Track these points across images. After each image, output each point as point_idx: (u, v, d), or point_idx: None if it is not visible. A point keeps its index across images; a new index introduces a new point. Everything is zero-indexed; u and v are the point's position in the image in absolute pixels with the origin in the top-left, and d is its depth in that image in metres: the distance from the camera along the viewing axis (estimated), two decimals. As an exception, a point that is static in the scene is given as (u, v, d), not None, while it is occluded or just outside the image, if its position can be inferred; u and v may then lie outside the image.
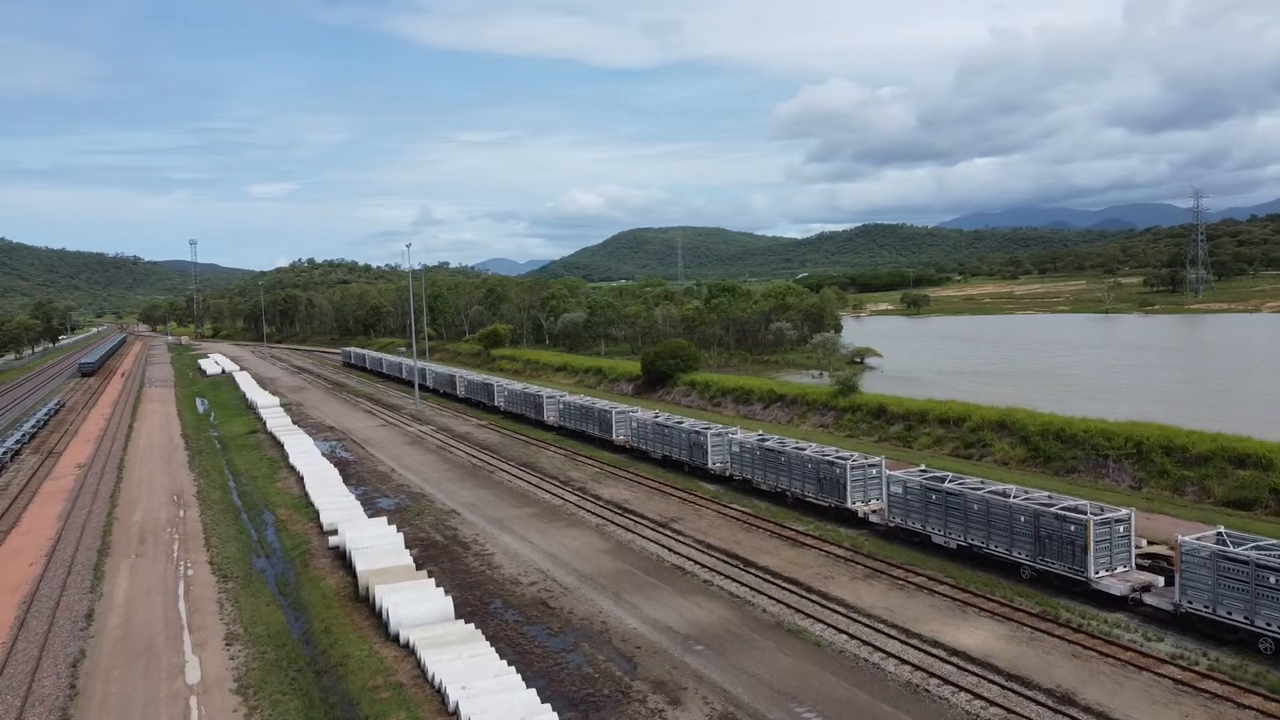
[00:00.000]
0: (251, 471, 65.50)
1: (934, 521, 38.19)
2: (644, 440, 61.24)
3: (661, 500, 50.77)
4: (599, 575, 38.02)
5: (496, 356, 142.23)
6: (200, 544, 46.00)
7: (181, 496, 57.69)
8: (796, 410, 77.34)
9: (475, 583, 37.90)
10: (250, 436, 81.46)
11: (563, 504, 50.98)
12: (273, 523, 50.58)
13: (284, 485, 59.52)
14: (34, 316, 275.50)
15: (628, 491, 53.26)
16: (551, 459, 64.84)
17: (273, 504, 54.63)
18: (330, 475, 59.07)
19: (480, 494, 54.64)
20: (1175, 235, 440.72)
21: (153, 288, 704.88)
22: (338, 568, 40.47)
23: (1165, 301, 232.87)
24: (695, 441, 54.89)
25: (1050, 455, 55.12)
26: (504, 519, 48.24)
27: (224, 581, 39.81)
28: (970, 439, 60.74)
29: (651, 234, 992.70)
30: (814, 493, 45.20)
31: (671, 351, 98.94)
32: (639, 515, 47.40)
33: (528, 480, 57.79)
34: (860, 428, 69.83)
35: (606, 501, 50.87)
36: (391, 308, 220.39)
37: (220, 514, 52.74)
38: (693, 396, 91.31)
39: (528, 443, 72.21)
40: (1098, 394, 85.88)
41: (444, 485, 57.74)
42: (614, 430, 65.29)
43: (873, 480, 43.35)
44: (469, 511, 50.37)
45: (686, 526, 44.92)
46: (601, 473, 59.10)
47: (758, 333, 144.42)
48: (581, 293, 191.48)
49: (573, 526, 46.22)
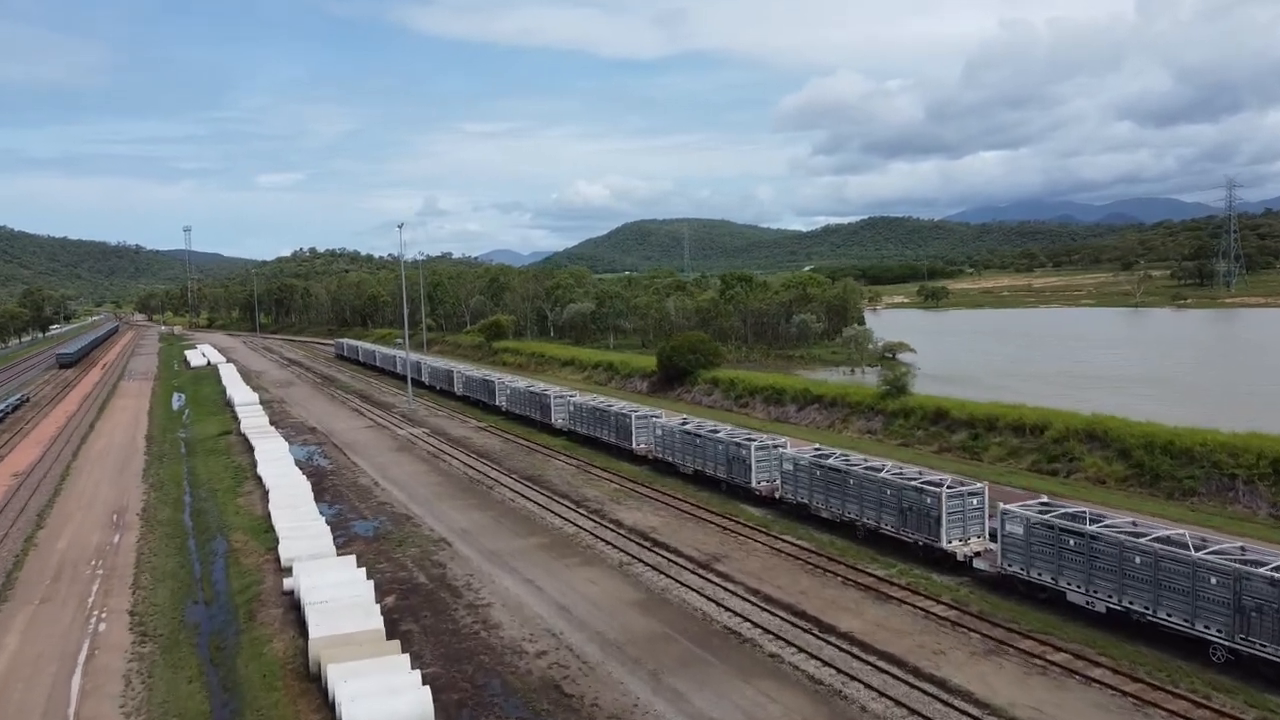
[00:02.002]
0: (213, 483, 56.48)
1: (1070, 573, 29.02)
2: (670, 451, 52.07)
3: (697, 529, 41.57)
4: (628, 641, 28.92)
5: (499, 349, 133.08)
6: (127, 584, 36.96)
7: (123, 515, 48.66)
8: (837, 413, 68.19)
9: (466, 651, 28.79)
10: (221, 439, 72.41)
11: (576, 532, 41.81)
12: (224, 552, 41.53)
13: (247, 502, 50.49)
14: (22, 305, 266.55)
15: (654, 516, 44.07)
16: (561, 471, 55.68)
17: (229, 526, 45.59)
18: (300, 490, 50.02)
19: (477, 517, 45.48)
20: (1191, 229, 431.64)
21: (155, 277, 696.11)
22: (290, 624, 31.42)
23: (1197, 295, 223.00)
24: (736, 455, 45.67)
25: (1158, 473, 46.00)
26: (505, 553, 39.11)
27: (142, 642, 30.78)
28: (1053, 451, 51.61)
29: (656, 226, 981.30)
30: (894, 525, 36.05)
31: (691, 345, 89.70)
32: (672, 550, 38.23)
33: (534, 499, 48.63)
34: (915, 435, 60.71)
35: (629, 530, 41.72)
36: (390, 297, 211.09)
37: (163, 540, 43.69)
38: (715, 396, 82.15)
39: (533, 450, 63.03)
40: (1171, 396, 76.71)
41: (434, 504, 48.63)
42: (634, 438, 56.12)
43: (974, 513, 34.19)
44: (462, 541, 41.24)
45: (734, 567, 35.78)
46: (621, 490, 49.92)
47: (777, 325, 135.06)
48: (588, 283, 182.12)
49: (590, 565, 37.09)
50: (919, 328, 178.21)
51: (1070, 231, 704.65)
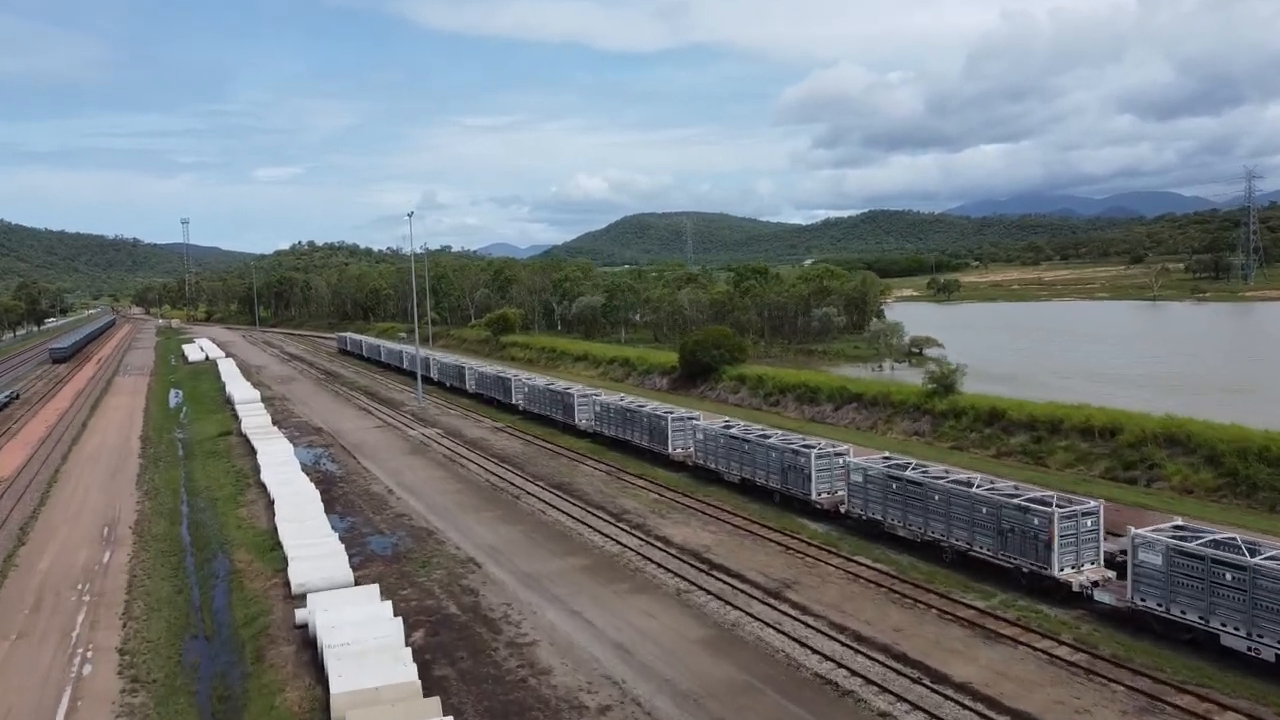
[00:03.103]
0: (213, 490, 52.08)
1: (1226, 612, 24.66)
2: (712, 457, 47.65)
3: (756, 548, 37.13)
4: (706, 693, 24.54)
5: (507, 344, 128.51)
6: (116, 614, 32.52)
7: (114, 528, 44.20)
8: (879, 413, 63.85)
9: (515, 705, 24.39)
10: (221, 440, 67.97)
11: (620, 552, 37.39)
12: (225, 574, 37.13)
13: (250, 512, 46.08)
14: (17, 298, 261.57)
15: (704, 532, 39.65)
16: (591, 478, 51.25)
17: (230, 542, 41.19)
18: (309, 499, 45.65)
19: (505, 532, 41.05)
20: (1198, 221, 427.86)
21: (152, 270, 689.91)
22: (304, 666, 27.03)
23: (1215, 289, 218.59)
24: (793, 464, 41.23)
25: (1256, 483, 41.70)
26: (542, 576, 34.70)
27: (133, 690, 26.39)
28: (1129, 458, 47.26)
29: (656, 219, 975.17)
30: (990, 549, 31.66)
31: (715, 340, 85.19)
32: (733, 575, 33.83)
33: (566, 510, 44.19)
34: (968, 438, 56.41)
35: (679, 548, 37.32)
36: (392, 290, 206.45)
37: (158, 559, 39.27)
38: (743, 394, 77.76)
39: (557, 453, 58.60)
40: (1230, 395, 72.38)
41: (456, 516, 44.20)
42: (670, 442, 51.69)
43: (1087, 536, 29.80)
44: (493, 561, 36.83)
45: (808, 596, 31.39)
46: (661, 501, 45.50)
47: (795, 319, 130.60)
48: (594, 276, 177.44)
49: (642, 591, 32.70)
50: (935, 322, 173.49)
51: (1071, 225, 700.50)
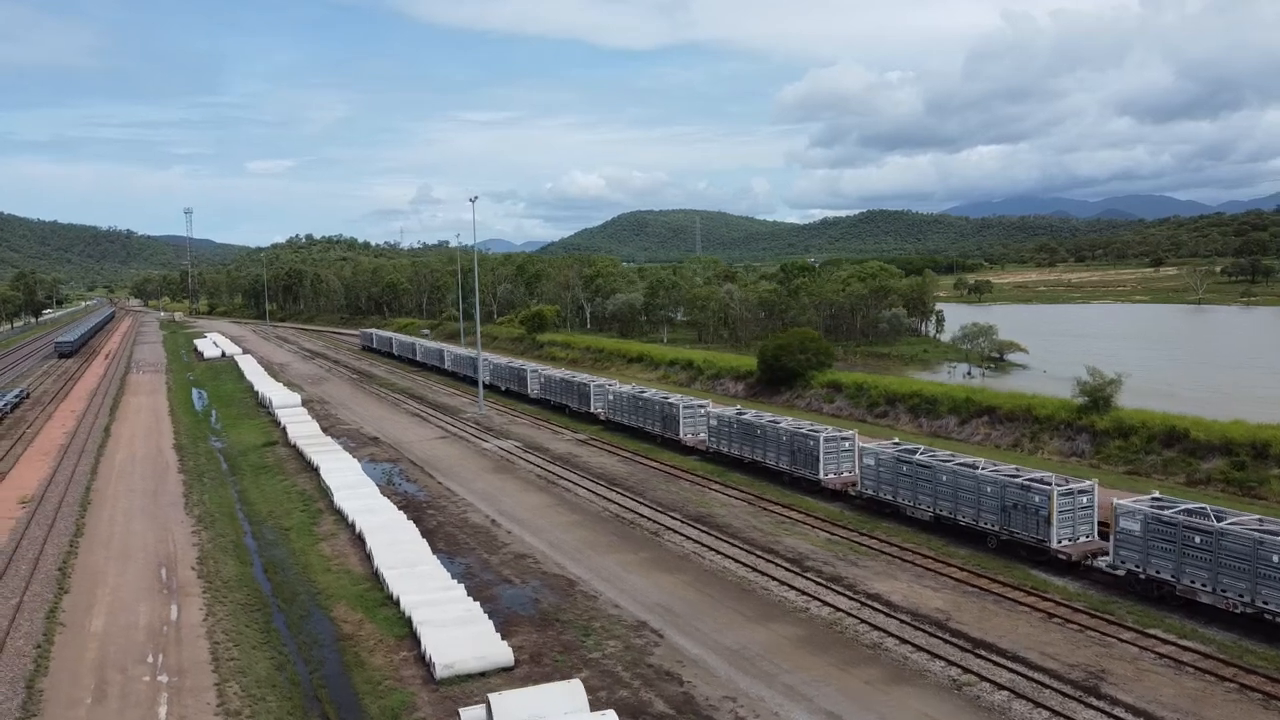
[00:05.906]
0: (278, 517, 44.10)
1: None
2: (886, 486, 39.78)
3: (1012, 616, 29.20)
4: None
5: (543, 342, 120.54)
6: (208, 706, 24.58)
7: (173, 569, 36.20)
8: (1020, 429, 56.24)
9: None
10: (267, 451, 60.03)
11: (834, 616, 29.52)
12: (331, 640, 29.18)
13: (333, 548, 38.13)
14: (14, 288, 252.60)
15: (926, 590, 31.73)
16: (730, 508, 43.31)
17: (323, 592, 33.24)
18: (406, 534, 37.83)
19: (667, 583, 33.12)
20: (1217, 224, 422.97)
21: (146, 262, 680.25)
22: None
23: (1263, 292, 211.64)
24: (1022, 502, 33.40)
25: None
26: (754, 654, 26.80)
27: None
28: (1376, 491, 39.64)
29: (652, 216, 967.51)
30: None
31: (800, 344, 77.37)
32: (1013, 659, 25.95)
33: (725, 552, 36.24)
34: (1144, 460, 48.87)
35: (909, 613, 29.44)
36: (409, 285, 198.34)
37: (239, 616, 31.26)
38: (840, 403, 70.02)
39: (671, 475, 50.66)
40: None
41: (590, 558, 36.31)
42: (821, 466, 43.80)
43: None
44: (674, 628, 28.93)
45: (1132, 695, 23.61)
46: (838, 542, 37.59)
47: (853, 319, 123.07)
48: (617, 273, 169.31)
49: (903, 682, 24.86)
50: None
51: (1071, 226, 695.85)
